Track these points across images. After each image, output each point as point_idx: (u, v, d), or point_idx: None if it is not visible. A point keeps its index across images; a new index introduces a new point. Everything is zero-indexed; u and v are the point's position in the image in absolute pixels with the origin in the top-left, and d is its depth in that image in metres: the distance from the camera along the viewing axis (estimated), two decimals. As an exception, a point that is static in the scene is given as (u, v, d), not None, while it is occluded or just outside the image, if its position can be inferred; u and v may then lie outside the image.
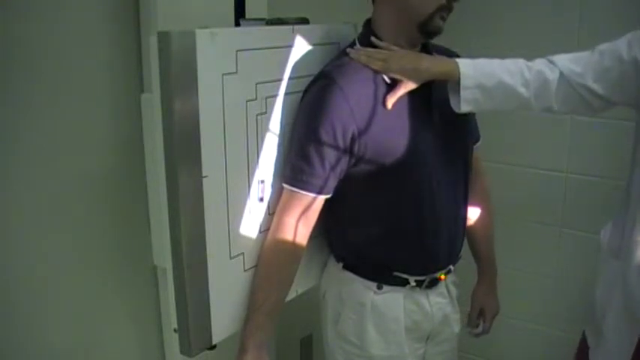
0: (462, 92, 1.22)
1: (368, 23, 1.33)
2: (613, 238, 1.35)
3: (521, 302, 2.16)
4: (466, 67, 1.23)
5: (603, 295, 1.35)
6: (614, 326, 1.31)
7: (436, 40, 1.33)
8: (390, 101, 1.23)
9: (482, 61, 1.26)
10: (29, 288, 1.24)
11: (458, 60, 1.25)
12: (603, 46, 1.24)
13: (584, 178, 2.00)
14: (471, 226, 1.53)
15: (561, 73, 1.23)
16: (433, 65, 1.25)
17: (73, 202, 1.28)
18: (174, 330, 1.22)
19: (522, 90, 1.23)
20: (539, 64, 1.26)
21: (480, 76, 1.23)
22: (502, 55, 1.29)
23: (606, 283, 1.35)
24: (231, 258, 1.24)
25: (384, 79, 1.26)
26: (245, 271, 1.29)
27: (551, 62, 1.25)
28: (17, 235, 1.20)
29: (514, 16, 2.02)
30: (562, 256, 2.09)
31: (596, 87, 1.21)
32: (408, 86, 1.24)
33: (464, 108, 1.24)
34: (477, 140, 1.50)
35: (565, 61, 1.24)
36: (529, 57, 1.30)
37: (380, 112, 1.24)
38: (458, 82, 1.22)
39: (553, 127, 1.99)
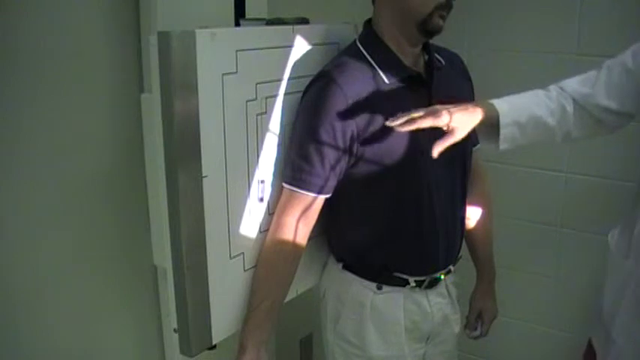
0: (502, 130, 1.19)
1: (368, 23, 1.33)
2: (621, 239, 1.34)
3: (521, 302, 2.16)
4: (501, 105, 1.20)
5: (612, 299, 1.33)
6: (626, 328, 1.28)
7: (437, 40, 1.33)
8: (437, 150, 1.10)
9: (511, 98, 1.23)
10: (29, 288, 1.23)
11: (492, 101, 1.21)
12: (609, 62, 1.23)
13: (584, 178, 2.00)
14: (470, 229, 1.53)
15: (574, 100, 1.22)
16: (479, 111, 1.17)
17: (73, 202, 1.28)
18: (174, 330, 1.22)
19: (550, 120, 1.22)
20: (554, 91, 1.25)
21: (515, 112, 1.20)
22: (502, 54, 1.28)
23: (616, 286, 1.32)
24: (231, 258, 1.25)
25: (383, 79, 1.26)
26: (245, 271, 1.29)
27: (562, 89, 1.24)
28: (17, 234, 1.20)
29: (514, 15, 2.02)
30: (562, 256, 2.09)
31: (611, 104, 1.21)
32: (458, 136, 1.13)
33: (502, 146, 1.21)
34: (477, 142, 1.49)
35: (574, 85, 1.24)
36: (529, 56, 1.30)
37: (380, 112, 1.24)
38: (496, 123, 1.19)
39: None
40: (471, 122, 1.14)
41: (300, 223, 1.26)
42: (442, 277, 1.40)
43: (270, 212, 1.31)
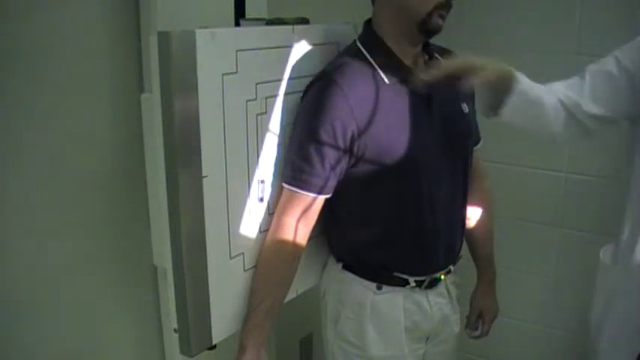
0: (512, 97, 1.19)
1: (368, 23, 1.33)
2: (609, 248, 1.34)
3: (521, 302, 2.17)
4: (519, 75, 1.21)
5: (600, 310, 1.33)
6: (613, 341, 1.27)
7: (437, 40, 1.33)
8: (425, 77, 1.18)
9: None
10: (29, 288, 1.23)
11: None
12: (592, 68, 1.25)
13: (584, 178, 2.00)
14: (471, 228, 1.53)
15: (561, 102, 1.23)
16: (495, 64, 1.20)
17: (73, 201, 1.28)
18: (175, 330, 1.22)
19: (551, 112, 1.23)
20: (551, 89, 1.26)
21: (529, 86, 1.21)
22: (502, 53, 1.28)
23: (604, 296, 1.32)
24: (231, 258, 1.25)
25: (383, 79, 1.26)
26: (245, 271, 1.29)
27: (550, 90, 1.25)
28: (17, 235, 1.20)
29: (514, 15, 2.02)
30: (562, 256, 2.09)
31: (597, 110, 1.22)
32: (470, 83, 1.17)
33: (506, 115, 1.20)
34: (478, 142, 1.49)
35: (562, 89, 1.25)
36: (529, 55, 1.30)
37: (380, 112, 1.24)
38: (503, 88, 1.19)
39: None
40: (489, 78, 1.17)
41: (300, 223, 1.26)
42: (442, 277, 1.40)
43: (270, 212, 1.31)
